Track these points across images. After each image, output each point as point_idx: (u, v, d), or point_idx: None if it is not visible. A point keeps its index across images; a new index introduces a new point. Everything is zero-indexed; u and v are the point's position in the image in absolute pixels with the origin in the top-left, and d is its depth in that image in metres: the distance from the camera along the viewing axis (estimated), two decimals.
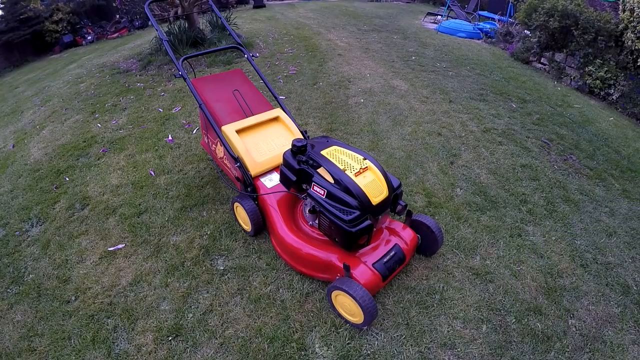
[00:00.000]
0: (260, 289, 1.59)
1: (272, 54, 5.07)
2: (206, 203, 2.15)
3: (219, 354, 1.35)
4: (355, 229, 1.30)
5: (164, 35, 1.98)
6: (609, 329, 1.40)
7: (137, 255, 1.84)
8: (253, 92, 2.13)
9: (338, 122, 3.00)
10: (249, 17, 8.30)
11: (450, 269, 1.64)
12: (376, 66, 4.41)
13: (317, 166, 1.40)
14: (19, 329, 1.54)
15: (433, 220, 1.60)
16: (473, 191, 2.15)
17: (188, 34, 5.01)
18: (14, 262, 1.92)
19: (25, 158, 3.02)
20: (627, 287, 1.55)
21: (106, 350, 1.41)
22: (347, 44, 5.52)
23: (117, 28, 10.62)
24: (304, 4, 10.30)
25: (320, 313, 1.47)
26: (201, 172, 2.44)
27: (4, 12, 9.76)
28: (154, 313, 1.53)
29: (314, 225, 1.57)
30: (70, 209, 2.26)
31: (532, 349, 1.32)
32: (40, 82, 5.75)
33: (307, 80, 3.98)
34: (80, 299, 1.64)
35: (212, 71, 4.42)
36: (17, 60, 9.78)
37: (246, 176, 1.77)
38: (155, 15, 5.64)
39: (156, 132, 3.08)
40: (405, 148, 2.59)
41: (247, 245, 1.82)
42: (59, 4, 10.00)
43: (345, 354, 1.31)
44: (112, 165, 2.67)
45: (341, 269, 1.38)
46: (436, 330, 1.39)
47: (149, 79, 4.46)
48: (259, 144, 1.86)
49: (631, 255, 1.70)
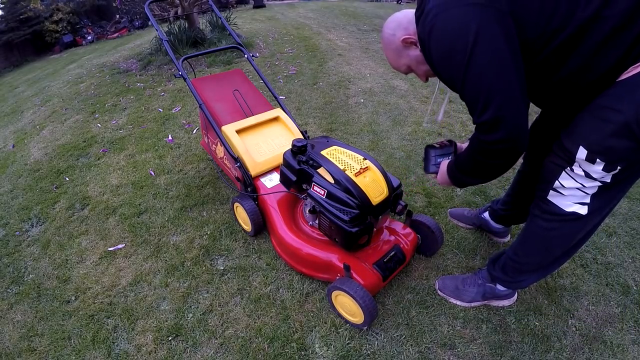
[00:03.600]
0: (260, 289, 1.59)
1: (272, 54, 5.07)
2: (206, 203, 2.15)
3: (219, 354, 1.35)
4: (356, 229, 1.30)
5: (164, 35, 1.98)
6: (609, 329, 1.40)
7: (137, 255, 1.84)
8: (253, 92, 2.13)
9: (338, 122, 3.00)
10: (249, 17, 8.30)
11: (451, 269, 1.65)
12: (376, 66, 4.41)
13: (317, 166, 1.40)
14: (19, 329, 1.54)
15: (433, 220, 1.60)
16: (473, 191, 2.15)
17: (188, 34, 5.01)
18: (14, 262, 1.92)
19: (25, 158, 3.02)
20: (627, 287, 1.55)
21: (106, 350, 1.41)
22: (347, 44, 5.52)
23: (117, 28, 10.63)
24: (304, 4, 10.31)
25: (320, 313, 1.47)
26: (201, 172, 2.44)
27: (4, 12, 9.76)
28: (154, 313, 1.53)
29: (314, 225, 1.57)
30: (70, 209, 2.26)
31: (532, 349, 1.32)
32: (40, 82, 5.76)
33: (307, 80, 3.98)
34: (80, 299, 1.64)
35: (212, 71, 4.42)
36: (17, 60, 9.79)
37: (246, 176, 1.77)
38: (155, 15, 5.64)
39: (156, 132, 3.08)
40: (406, 148, 2.59)
41: (247, 245, 1.83)
42: (59, 4, 10.00)
43: (345, 354, 1.31)
44: (112, 165, 2.67)
45: (341, 269, 1.38)
46: (436, 330, 1.39)
47: (149, 79, 4.46)
48: (259, 144, 1.86)
49: (631, 255, 1.70)
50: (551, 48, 0.88)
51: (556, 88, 0.97)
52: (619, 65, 0.85)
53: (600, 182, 0.97)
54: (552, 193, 1.06)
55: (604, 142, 0.90)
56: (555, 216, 1.08)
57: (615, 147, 0.89)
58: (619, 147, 0.88)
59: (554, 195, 1.06)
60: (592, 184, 0.98)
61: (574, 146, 0.95)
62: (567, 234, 1.12)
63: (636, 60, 0.83)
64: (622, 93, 0.85)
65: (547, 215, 1.10)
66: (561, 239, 1.14)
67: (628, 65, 0.84)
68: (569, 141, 0.97)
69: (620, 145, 0.88)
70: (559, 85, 0.95)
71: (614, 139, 0.88)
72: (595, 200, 1.01)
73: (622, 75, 0.85)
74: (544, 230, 1.14)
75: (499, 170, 1.03)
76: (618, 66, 0.85)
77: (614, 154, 0.90)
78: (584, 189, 1.00)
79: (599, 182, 0.97)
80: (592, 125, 0.92)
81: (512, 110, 0.89)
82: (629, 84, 0.85)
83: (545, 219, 1.11)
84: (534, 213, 1.16)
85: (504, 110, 0.88)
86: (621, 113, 0.85)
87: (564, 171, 1.01)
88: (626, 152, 0.89)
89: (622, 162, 0.91)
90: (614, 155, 0.90)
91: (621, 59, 0.84)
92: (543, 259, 1.23)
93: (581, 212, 1.03)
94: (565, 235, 1.13)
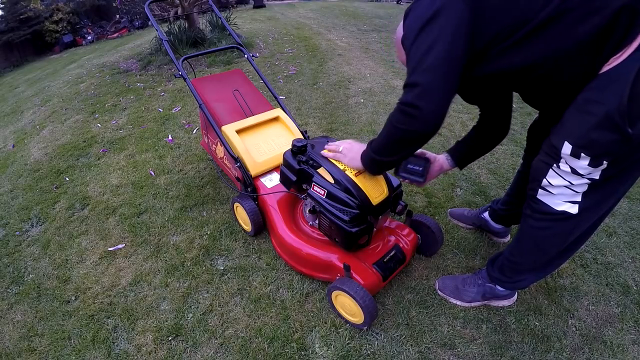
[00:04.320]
0: (260, 289, 1.59)
1: (272, 54, 5.07)
2: (206, 203, 2.15)
3: (219, 354, 1.35)
4: (356, 229, 1.30)
5: (164, 35, 1.98)
6: (609, 329, 1.40)
7: (137, 255, 1.84)
8: (253, 92, 2.13)
9: (338, 122, 3.00)
10: (249, 17, 8.31)
11: (451, 269, 1.65)
12: (376, 66, 4.41)
13: (317, 166, 1.40)
14: (19, 329, 1.54)
15: (433, 220, 1.60)
16: (473, 191, 2.15)
17: (188, 34, 5.01)
18: (14, 262, 1.92)
19: (25, 158, 3.02)
20: (627, 287, 1.55)
21: (106, 350, 1.41)
22: (347, 44, 5.52)
23: (117, 28, 10.63)
24: (304, 4, 10.31)
25: (320, 313, 1.47)
26: (201, 172, 2.44)
27: (4, 12, 9.76)
28: (154, 313, 1.53)
29: (314, 226, 1.57)
30: (70, 209, 2.26)
31: (532, 349, 1.32)
32: (40, 82, 5.76)
33: (307, 80, 3.98)
34: (80, 299, 1.64)
35: (212, 71, 4.42)
36: (17, 60, 9.79)
37: (246, 176, 1.77)
38: (155, 15, 5.64)
39: (156, 132, 3.08)
40: None
41: (247, 245, 1.83)
42: (59, 4, 10.00)
43: (345, 354, 1.31)
44: (112, 165, 2.67)
45: (341, 269, 1.38)
46: (436, 330, 1.39)
47: (149, 79, 4.46)
48: (259, 144, 1.86)
49: (631, 255, 1.70)
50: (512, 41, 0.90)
51: (539, 85, 0.98)
52: (594, 57, 0.85)
53: (589, 179, 0.96)
54: (541, 192, 1.06)
55: (587, 135, 0.89)
56: (546, 215, 1.07)
57: (599, 140, 0.88)
58: (603, 140, 0.87)
59: (544, 195, 1.06)
60: (580, 181, 0.97)
61: (560, 142, 0.95)
62: (559, 233, 1.11)
63: (615, 51, 0.83)
64: (604, 85, 0.85)
65: (537, 214, 1.10)
66: (554, 239, 1.14)
67: (608, 57, 0.84)
68: (555, 137, 0.97)
69: (603, 138, 0.87)
70: (539, 81, 0.96)
71: (597, 131, 0.87)
72: (586, 199, 1.01)
73: (604, 67, 0.85)
74: (535, 230, 1.14)
75: (402, 143, 1.03)
76: (592, 58, 0.85)
77: (598, 148, 0.89)
78: (573, 187, 0.99)
79: (587, 179, 0.96)
80: (576, 120, 0.92)
81: (436, 84, 0.89)
82: (610, 75, 0.84)
83: (537, 219, 1.11)
84: (526, 213, 1.15)
85: (430, 80, 0.89)
86: (603, 104, 0.85)
87: (550, 169, 1.00)
88: (610, 145, 0.87)
89: (608, 156, 0.90)
90: (598, 148, 0.89)
91: (595, 49, 0.84)
92: (538, 259, 1.23)
93: (571, 212, 1.03)
94: (558, 235, 1.12)
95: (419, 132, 0.95)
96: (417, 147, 1.05)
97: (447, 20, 0.88)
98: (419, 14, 0.93)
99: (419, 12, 0.94)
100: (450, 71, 0.90)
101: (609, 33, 0.81)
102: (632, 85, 0.80)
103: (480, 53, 0.94)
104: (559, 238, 1.13)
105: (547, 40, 0.87)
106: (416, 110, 0.91)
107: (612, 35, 0.81)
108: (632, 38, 0.80)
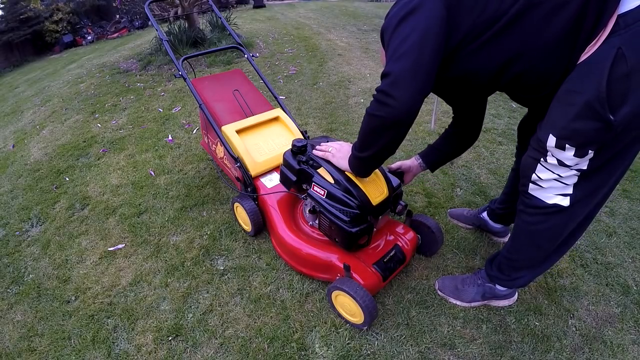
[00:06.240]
0: (260, 289, 1.59)
1: (272, 54, 5.07)
2: (206, 203, 2.15)
3: (219, 354, 1.35)
4: (356, 229, 1.30)
5: (164, 35, 1.98)
6: (609, 329, 1.40)
7: (137, 255, 1.84)
8: (253, 92, 2.13)
9: (338, 122, 3.00)
10: (249, 17, 8.31)
11: (451, 269, 1.65)
12: (376, 66, 4.41)
13: (317, 166, 1.40)
14: (19, 329, 1.54)
15: (433, 220, 1.60)
16: (473, 191, 2.15)
17: (188, 34, 5.01)
18: (14, 262, 1.92)
19: (25, 158, 3.03)
20: (627, 287, 1.55)
21: (106, 350, 1.41)
22: (347, 44, 5.52)
23: (117, 28, 10.63)
24: (304, 4, 10.31)
25: (320, 313, 1.47)
26: (201, 172, 2.44)
27: (4, 12, 9.77)
28: (154, 313, 1.53)
29: (314, 226, 1.57)
30: (70, 209, 2.26)
31: (532, 349, 1.32)
32: (40, 82, 5.76)
33: (307, 80, 3.98)
34: (80, 299, 1.64)
35: (212, 71, 4.42)
36: (17, 60, 9.79)
37: (246, 176, 1.77)
38: (155, 15, 5.64)
39: (156, 132, 3.08)
40: (405, 148, 2.59)
41: (247, 245, 1.83)
42: (59, 4, 10.01)
43: (345, 354, 1.31)
44: (112, 165, 2.67)
45: (341, 269, 1.38)
46: (436, 330, 1.39)
47: (149, 79, 4.46)
48: (259, 144, 1.86)
49: (631, 255, 1.70)
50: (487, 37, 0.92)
51: (519, 81, 0.99)
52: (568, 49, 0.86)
53: (577, 170, 0.97)
54: (532, 187, 1.07)
55: (569, 126, 0.90)
56: (538, 209, 1.08)
57: (581, 129, 0.88)
58: (585, 129, 0.87)
59: (535, 189, 1.07)
60: (568, 173, 0.98)
61: (545, 135, 0.96)
62: (553, 227, 1.11)
63: (590, 40, 0.83)
64: (582, 74, 0.86)
65: (530, 209, 1.11)
66: (548, 233, 1.14)
67: (584, 46, 0.84)
68: (541, 131, 0.98)
69: (585, 127, 0.87)
70: (517, 78, 0.97)
71: (579, 121, 0.87)
72: (577, 190, 1.01)
73: (582, 57, 0.86)
74: (529, 224, 1.14)
75: (377, 132, 1.03)
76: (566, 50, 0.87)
77: (581, 137, 0.89)
78: (562, 179, 1.00)
79: (575, 171, 0.97)
80: (558, 111, 0.93)
81: (408, 72, 0.91)
82: (588, 64, 0.85)
83: (530, 214, 1.12)
84: (520, 209, 1.16)
85: (401, 68, 0.91)
86: (582, 94, 0.85)
87: (538, 163, 1.01)
88: (593, 133, 0.87)
89: (592, 145, 0.90)
90: (581, 137, 0.89)
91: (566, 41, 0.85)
92: (534, 254, 1.23)
93: (563, 204, 1.03)
94: (552, 229, 1.12)
95: (392, 119, 0.96)
96: (393, 136, 1.04)
97: (423, 14, 0.91)
98: (397, 11, 0.96)
99: (397, 9, 0.97)
100: (422, 59, 0.91)
101: (580, 22, 0.82)
102: (609, 72, 0.80)
103: (456, 50, 0.96)
104: (554, 232, 1.13)
105: (520, 35, 0.89)
106: (389, 98, 0.93)
107: (583, 24, 0.82)
108: (604, 24, 0.80)
